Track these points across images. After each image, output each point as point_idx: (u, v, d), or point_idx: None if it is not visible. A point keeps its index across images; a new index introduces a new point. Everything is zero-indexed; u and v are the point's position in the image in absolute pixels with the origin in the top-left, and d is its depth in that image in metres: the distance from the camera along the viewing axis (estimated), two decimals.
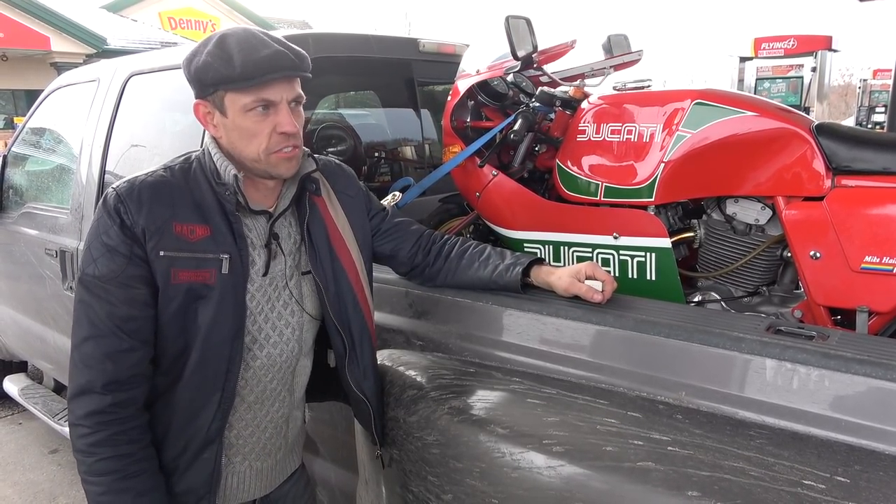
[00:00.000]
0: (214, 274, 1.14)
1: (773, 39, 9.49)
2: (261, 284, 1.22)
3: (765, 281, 1.78)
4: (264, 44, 1.12)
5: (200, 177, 1.18)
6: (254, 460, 1.30)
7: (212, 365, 1.16)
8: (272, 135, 1.14)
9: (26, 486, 3.00)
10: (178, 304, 1.13)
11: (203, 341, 1.15)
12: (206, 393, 1.17)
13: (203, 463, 1.20)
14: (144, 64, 2.53)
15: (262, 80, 1.10)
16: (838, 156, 1.57)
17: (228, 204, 1.17)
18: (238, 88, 1.11)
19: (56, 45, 14.52)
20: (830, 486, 0.91)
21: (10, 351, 3.52)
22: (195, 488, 1.21)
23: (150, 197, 1.13)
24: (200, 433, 1.18)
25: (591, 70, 2.19)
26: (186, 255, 1.13)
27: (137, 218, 1.11)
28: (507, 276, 1.42)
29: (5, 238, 3.11)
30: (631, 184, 1.76)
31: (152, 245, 1.11)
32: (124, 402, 1.11)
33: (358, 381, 1.32)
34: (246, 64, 1.09)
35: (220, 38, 1.13)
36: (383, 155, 2.95)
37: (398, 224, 1.48)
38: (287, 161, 1.18)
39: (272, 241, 1.23)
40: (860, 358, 1.04)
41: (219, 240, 1.15)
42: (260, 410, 1.27)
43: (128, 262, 1.10)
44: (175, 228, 1.13)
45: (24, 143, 3.23)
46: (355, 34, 2.51)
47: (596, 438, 1.08)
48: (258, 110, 1.13)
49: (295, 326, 1.27)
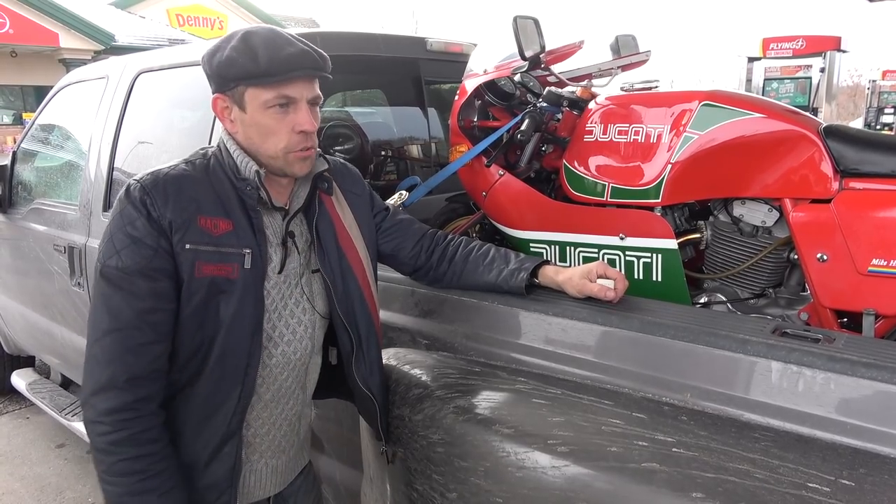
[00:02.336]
0: (237, 268, 1.15)
1: (781, 40, 9.44)
2: (276, 282, 1.23)
3: (771, 283, 1.78)
4: (289, 42, 1.14)
5: (220, 172, 1.19)
6: (269, 458, 1.31)
7: (232, 360, 1.17)
8: (291, 133, 1.16)
9: (33, 481, 3.02)
10: (201, 298, 1.13)
11: (224, 336, 1.15)
12: (227, 388, 1.18)
13: (224, 457, 1.20)
14: (153, 61, 2.54)
15: (287, 76, 1.12)
16: (846, 158, 1.56)
17: (249, 199, 1.18)
18: (260, 84, 1.12)
19: (65, 42, 14.58)
20: (835, 488, 0.91)
21: (18, 346, 3.54)
22: (217, 483, 1.21)
23: (175, 190, 1.13)
24: (221, 427, 1.19)
25: (599, 70, 2.19)
26: (211, 249, 1.13)
27: (164, 210, 1.11)
28: (511, 282, 1.43)
29: (14, 234, 3.13)
30: (638, 184, 1.76)
31: (178, 238, 1.11)
32: (146, 399, 1.10)
33: (364, 378, 1.33)
34: (272, 60, 1.11)
35: (244, 35, 1.14)
36: (390, 153, 2.95)
37: (400, 222, 1.49)
38: (303, 161, 1.20)
39: (288, 239, 1.24)
40: (866, 361, 1.03)
41: (241, 234, 1.16)
42: (276, 408, 1.28)
43: (154, 253, 1.10)
44: (200, 222, 1.13)
45: (34, 140, 3.25)
46: (363, 33, 2.51)
47: (601, 439, 1.09)
48: (278, 107, 1.14)
49: (307, 324, 1.28)
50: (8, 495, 2.91)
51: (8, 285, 3.35)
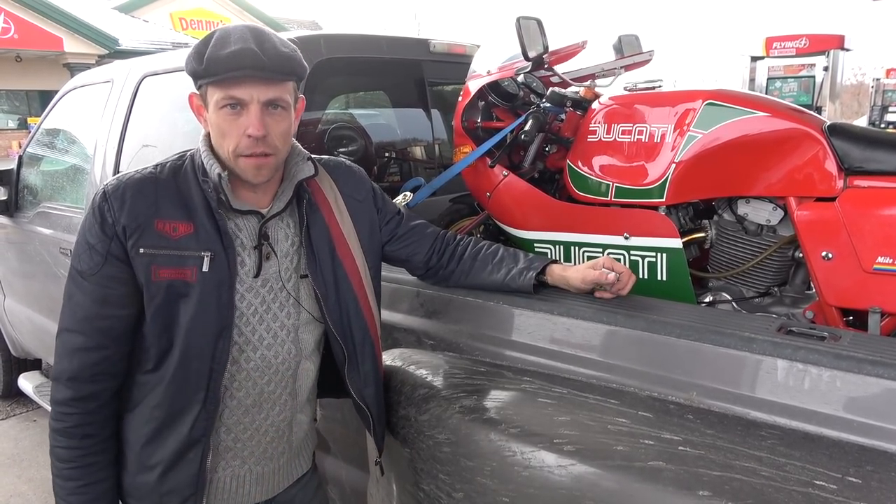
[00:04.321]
0: (195, 272, 1.14)
1: (784, 38, 9.41)
2: (251, 286, 1.20)
3: (776, 281, 1.77)
4: (239, 40, 1.08)
5: (190, 174, 1.18)
6: (254, 464, 1.28)
7: (195, 364, 1.15)
8: (241, 136, 1.12)
9: (41, 483, 3.03)
10: (160, 302, 1.13)
11: (184, 339, 1.14)
12: (190, 392, 1.16)
13: (187, 463, 1.19)
14: (158, 65, 2.55)
15: (223, 77, 1.08)
16: (851, 156, 1.56)
17: (212, 201, 1.16)
18: (211, 83, 1.11)
19: (69, 46, 14.66)
20: (842, 486, 0.91)
21: (25, 349, 3.56)
22: (179, 488, 1.20)
23: (133, 194, 1.13)
24: (183, 433, 1.17)
25: (602, 70, 2.19)
26: (167, 253, 1.13)
27: (119, 216, 1.12)
28: (520, 280, 1.42)
29: (21, 237, 3.14)
30: (642, 184, 1.76)
31: (132, 242, 1.12)
32: (85, 398, 1.15)
33: (359, 389, 1.32)
34: (210, 59, 1.08)
35: (212, 33, 1.13)
36: (393, 155, 2.96)
37: (414, 228, 1.46)
38: (255, 169, 1.15)
39: (262, 243, 1.21)
40: (872, 359, 1.03)
41: (202, 237, 1.15)
42: (259, 414, 1.26)
43: (104, 261, 1.12)
44: (157, 226, 1.13)
45: (39, 144, 3.27)
46: (366, 35, 2.52)
47: (607, 438, 1.09)
48: (228, 108, 1.11)
49: (290, 329, 1.25)
50: (16, 497, 2.93)
51: (15, 289, 3.36)
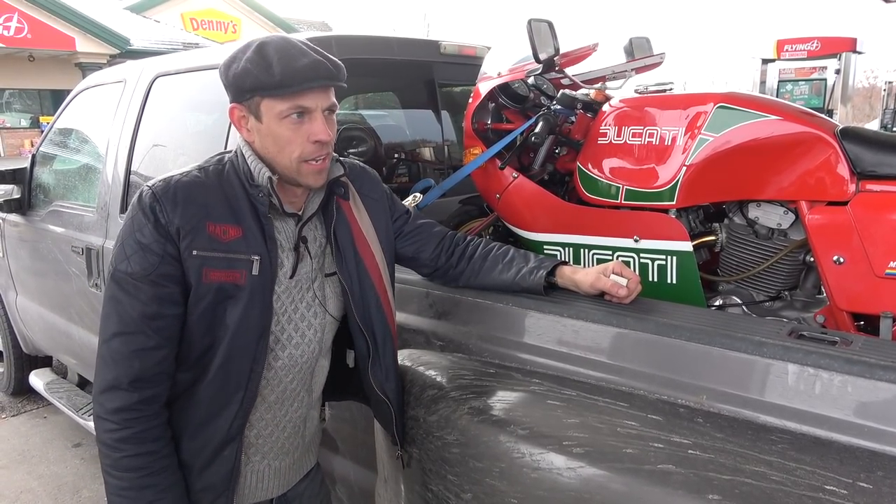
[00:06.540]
0: (245, 275, 1.16)
1: (796, 41, 9.36)
2: (287, 287, 1.24)
3: (787, 285, 1.77)
4: (303, 53, 1.13)
5: (234, 178, 1.20)
6: (272, 459, 1.32)
7: (236, 364, 1.18)
8: (306, 143, 1.16)
9: (51, 479, 3.06)
10: (208, 303, 1.15)
11: (230, 341, 1.16)
12: (230, 392, 1.19)
13: (223, 461, 1.22)
14: (170, 65, 2.57)
15: (300, 88, 1.11)
16: (863, 160, 1.56)
17: (261, 206, 1.18)
18: (275, 95, 1.12)
19: (81, 46, 14.77)
20: (853, 491, 0.91)
21: (36, 346, 3.59)
22: (214, 485, 1.22)
23: (185, 196, 1.15)
24: (221, 431, 1.20)
25: (613, 73, 2.19)
26: (218, 255, 1.15)
27: (172, 217, 1.12)
28: (530, 279, 1.42)
29: (33, 235, 3.17)
30: (652, 187, 1.76)
31: (186, 244, 1.13)
32: (149, 399, 1.14)
33: (380, 383, 1.34)
34: (286, 72, 1.11)
35: (259, 46, 1.14)
36: (403, 156, 2.96)
37: (421, 226, 1.50)
38: (317, 174, 1.20)
39: (301, 245, 1.25)
40: (884, 364, 1.03)
41: (250, 241, 1.17)
42: (280, 410, 1.29)
43: (160, 260, 1.12)
44: (208, 228, 1.14)
45: (52, 143, 3.30)
46: (377, 36, 2.53)
47: (616, 440, 1.09)
48: (293, 117, 1.14)
49: (317, 328, 1.29)
50: (26, 493, 2.95)
51: (27, 286, 3.39)
